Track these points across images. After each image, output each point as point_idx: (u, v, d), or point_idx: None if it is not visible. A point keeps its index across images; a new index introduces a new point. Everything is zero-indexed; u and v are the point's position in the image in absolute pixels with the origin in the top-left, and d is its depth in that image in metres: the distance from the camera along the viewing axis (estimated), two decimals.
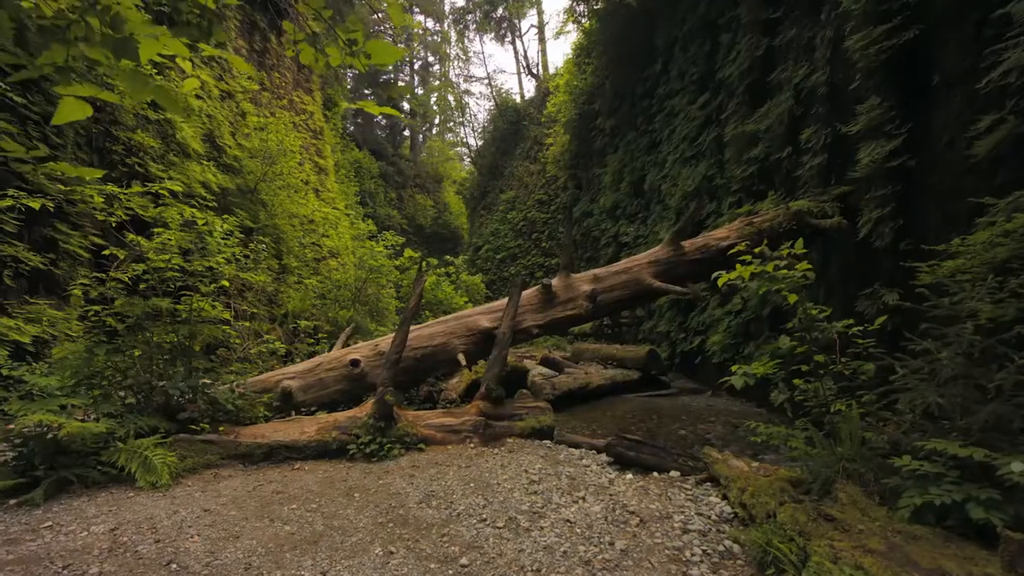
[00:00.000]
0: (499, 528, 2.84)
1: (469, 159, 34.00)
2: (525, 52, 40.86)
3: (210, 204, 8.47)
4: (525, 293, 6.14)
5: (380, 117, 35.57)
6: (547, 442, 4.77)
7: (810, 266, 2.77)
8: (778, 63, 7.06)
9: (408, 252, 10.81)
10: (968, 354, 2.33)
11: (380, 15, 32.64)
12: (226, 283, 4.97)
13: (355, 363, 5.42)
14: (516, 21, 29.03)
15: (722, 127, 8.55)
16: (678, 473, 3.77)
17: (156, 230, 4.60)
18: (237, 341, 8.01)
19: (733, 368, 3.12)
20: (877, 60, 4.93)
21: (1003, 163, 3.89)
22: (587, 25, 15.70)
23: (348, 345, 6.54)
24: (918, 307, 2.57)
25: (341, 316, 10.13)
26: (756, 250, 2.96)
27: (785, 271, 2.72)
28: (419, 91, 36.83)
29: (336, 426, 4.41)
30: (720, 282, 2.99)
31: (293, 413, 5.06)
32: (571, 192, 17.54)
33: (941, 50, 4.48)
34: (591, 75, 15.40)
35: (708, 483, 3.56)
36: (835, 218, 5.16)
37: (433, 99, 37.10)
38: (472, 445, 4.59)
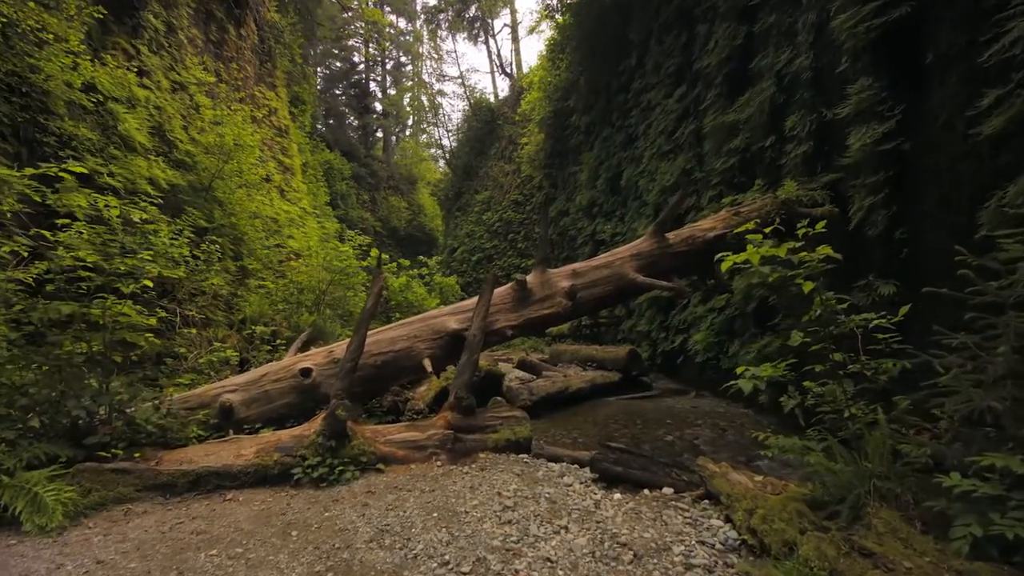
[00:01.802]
0: (464, 574, 2.32)
1: (443, 160, 33.37)
2: (498, 51, 40.62)
3: (157, 201, 7.65)
4: (498, 291, 5.63)
5: (352, 118, 34.54)
6: (524, 456, 4.27)
7: (830, 250, 2.37)
8: (758, 51, 6.80)
9: (374, 252, 10.18)
10: (1019, 348, 1.96)
11: (349, 14, 31.87)
12: (148, 283, 4.28)
13: (306, 372, 4.80)
14: (489, 20, 28.68)
15: (700, 119, 8.28)
16: (671, 490, 3.33)
17: (60, 221, 3.91)
18: (183, 350, 7.24)
19: (739, 370, 2.70)
20: (866, 39, 4.66)
21: (1006, 143, 3.62)
22: (561, 20, 15.40)
23: (306, 351, 5.90)
24: (958, 295, 2.19)
25: (304, 321, 9.41)
26: (766, 230, 2.55)
27: (804, 254, 2.31)
28: (391, 91, 35.99)
29: (279, 446, 3.80)
30: (724, 266, 2.57)
31: (232, 432, 4.42)
32: (546, 191, 17.18)
33: (935, 26, 4.22)
34: (565, 71, 15.08)
35: (706, 500, 3.13)
36: (826, 206, 4.85)
37: (406, 99, 36.33)
38: (439, 463, 4.05)
